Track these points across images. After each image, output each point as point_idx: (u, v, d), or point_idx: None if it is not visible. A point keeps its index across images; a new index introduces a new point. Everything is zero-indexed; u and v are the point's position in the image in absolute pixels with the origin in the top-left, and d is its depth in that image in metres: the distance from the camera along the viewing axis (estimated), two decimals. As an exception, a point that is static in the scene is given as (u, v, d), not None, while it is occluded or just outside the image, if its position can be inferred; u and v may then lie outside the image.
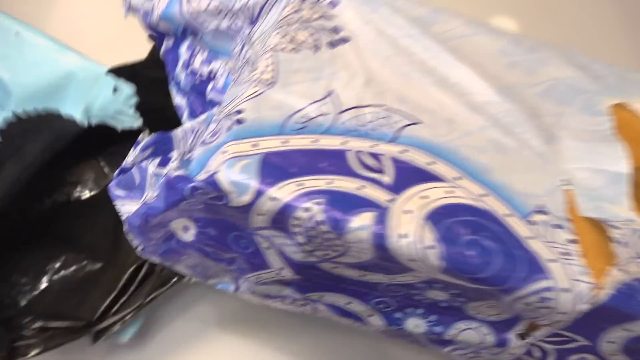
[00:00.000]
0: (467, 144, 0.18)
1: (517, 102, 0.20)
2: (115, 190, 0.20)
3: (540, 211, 0.17)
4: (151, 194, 0.18)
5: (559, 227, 0.16)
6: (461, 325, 0.18)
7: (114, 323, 0.25)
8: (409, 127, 0.18)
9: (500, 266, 0.15)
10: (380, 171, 0.17)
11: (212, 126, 0.18)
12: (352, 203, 0.16)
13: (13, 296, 0.26)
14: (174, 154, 0.19)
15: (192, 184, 0.16)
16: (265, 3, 0.22)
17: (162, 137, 0.20)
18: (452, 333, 0.19)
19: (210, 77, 0.23)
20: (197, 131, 0.20)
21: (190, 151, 0.18)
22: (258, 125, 0.17)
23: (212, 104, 0.23)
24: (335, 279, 0.18)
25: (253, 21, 0.22)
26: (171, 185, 0.17)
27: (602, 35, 0.31)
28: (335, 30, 0.20)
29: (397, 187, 0.16)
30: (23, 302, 0.26)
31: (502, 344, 0.18)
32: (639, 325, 0.16)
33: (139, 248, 0.21)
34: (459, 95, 0.20)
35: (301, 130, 0.17)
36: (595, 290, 0.15)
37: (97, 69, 0.26)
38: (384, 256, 0.16)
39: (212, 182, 0.16)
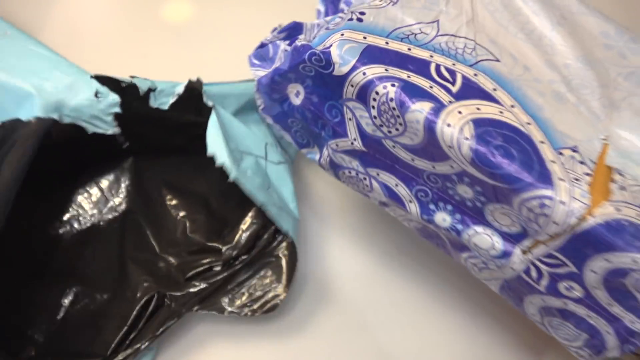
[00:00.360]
0: (531, 86, 0.22)
1: (596, 71, 0.23)
2: (253, 60, 0.27)
3: (572, 149, 0.20)
4: (279, 64, 0.25)
5: (582, 163, 0.20)
6: (478, 228, 0.22)
7: (127, 357, 0.25)
8: (489, 61, 0.22)
9: (516, 169, 0.19)
10: (451, 82, 0.21)
11: (336, 20, 0.24)
12: (419, 93, 0.21)
13: (30, 334, 0.26)
14: (301, 37, 0.25)
15: (311, 50, 0.22)
16: None
17: (295, 24, 0.26)
18: (469, 234, 0.23)
19: None
20: (321, 26, 0.26)
21: (314, 37, 0.24)
22: (372, 26, 0.23)
23: (340, 11, 0.29)
24: (392, 158, 0.23)
25: None
26: (296, 50, 0.23)
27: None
28: (460, -20, 0.25)
29: (459, 96, 0.21)
30: (41, 339, 0.26)
31: (506, 254, 0.22)
32: (618, 258, 0.18)
33: (261, 107, 0.28)
34: (543, 53, 0.23)
35: (402, 39, 0.23)
36: (587, 214, 0.19)
37: (81, 70, 0.26)
38: (430, 139, 0.21)
39: (326, 52, 0.22)
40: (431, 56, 0.22)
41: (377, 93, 0.21)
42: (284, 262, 0.27)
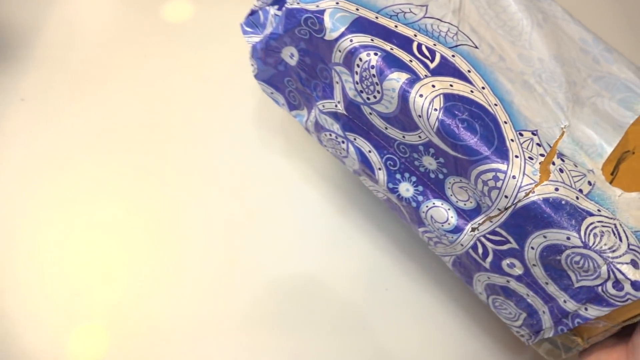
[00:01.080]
0: (503, 73, 0.23)
1: (567, 69, 0.24)
2: (245, 27, 0.29)
3: (532, 132, 0.22)
4: (271, 29, 0.26)
5: (539, 145, 0.21)
6: (437, 201, 0.24)
7: None
8: (468, 46, 0.24)
9: (476, 142, 0.21)
10: (429, 59, 0.23)
11: None
12: (399, 64, 0.22)
13: None
14: (290, 1, 0.26)
15: (306, 14, 0.24)
16: None
17: None
18: (428, 206, 0.24)
19: None
20: None
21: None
22: (366, 1, 0.24)
23: None
24: (368, 125, 0.24)
25: None
26: (290, 13, 0.24)
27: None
28: (454, -26, 0.27)
29: (435, 72, 0.22)
30: None
31: (458, 230, 0.23)
32: (554, 234, 0.20)
33: (254, 72, 0.29)
34: (520, 47, 0.25)
35: (391, 17, 0.24)
36: (533, 189, 0.20)
37: None
38: (403, 108, 0.22)
39: (319, 17, 0.23)
40: (415, 35, 0.24)
41: (360, 59, 0.23)
42: None
